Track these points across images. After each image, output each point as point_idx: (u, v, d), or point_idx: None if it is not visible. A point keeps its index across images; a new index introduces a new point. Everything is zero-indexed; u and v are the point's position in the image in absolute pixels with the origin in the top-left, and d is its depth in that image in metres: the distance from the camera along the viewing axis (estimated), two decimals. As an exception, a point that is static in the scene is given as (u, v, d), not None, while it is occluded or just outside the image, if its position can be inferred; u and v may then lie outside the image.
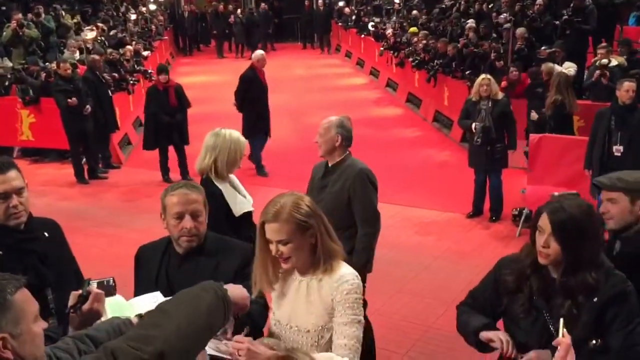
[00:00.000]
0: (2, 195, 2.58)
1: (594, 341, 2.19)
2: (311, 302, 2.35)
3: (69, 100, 8.82)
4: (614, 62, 8.52)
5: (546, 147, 6.88)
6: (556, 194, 3.06)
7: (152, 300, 2.41)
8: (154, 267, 2.69)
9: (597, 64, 8.43)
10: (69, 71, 9.06)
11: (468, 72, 10.29)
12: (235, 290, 2.10)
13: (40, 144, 10.41)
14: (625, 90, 6.07)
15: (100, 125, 9.44)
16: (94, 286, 2.15)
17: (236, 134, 3.94)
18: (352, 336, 2.28)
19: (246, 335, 2.20)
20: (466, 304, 2.64)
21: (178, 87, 8.85)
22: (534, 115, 7.58)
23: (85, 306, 2.11)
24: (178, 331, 1.67)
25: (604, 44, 9.14)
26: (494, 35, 10.57)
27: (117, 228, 7.43)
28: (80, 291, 2.14)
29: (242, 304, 2.16)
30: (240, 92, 8.89)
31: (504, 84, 8.71)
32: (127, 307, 2.32)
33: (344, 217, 3.95)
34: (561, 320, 2.08)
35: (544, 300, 2.34)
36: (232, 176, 3.97)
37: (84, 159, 9.47)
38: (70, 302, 2.13)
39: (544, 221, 2.30)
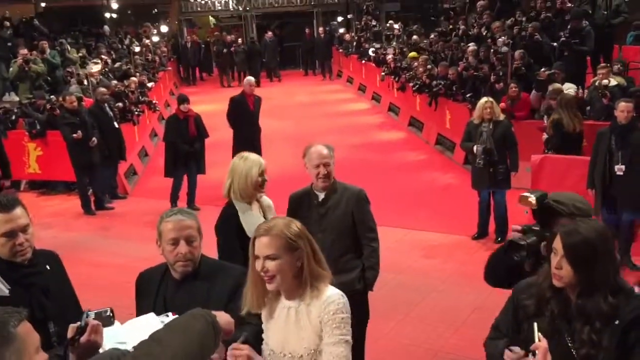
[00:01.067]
0: (8, 234, 2.65)
1: None
2: (302, 328, 2.39)
3: (74, 134, 8.95)
4: (613, 82, 8.61)
5: (549, 167, 6.92)
6: (526, 194, 3.05)
7: (146, 321, 2.46)
8: (151, 293, 2.76)
9: (596, 84, 8.52)
10: (75, 104, 9.21)
11: (469, 95, 10.40)
12: (221, 317, 2.17)
13: (47, 176, 10.52)
14: (621, 110, 6.14)
15: (105, 156, 9.55)
16: (91, 318, 2.18)
17: (253, 156, 3.96)
18: (341, 356, 2.32)
19: (243, 343, 2.24)
20: (491, 337, 2.59)
21: (197, 117, 9.06)
22: (544, 135, 7.66)
23: (83, 338, 2.14)
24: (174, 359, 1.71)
25: (603, 64, 9.24)
26: (493, 58, 10.70)
27: (124, 258, 7.46)
28: (78, 323, 2.17)
29: (227, 330, 2.23)
30: (229, 112, 9.67)
31: (502, 104, 8.81)
32: (121, 332, 2.35)
33: (351, 240, 4.00)
34: (535, 324, 2.10)
35: (566, 324, 2.32)
36: (265, 199, 4.00)
37: (91, 190, 9.55)
38: (69, 334, 2.17)
39: (558, 243, 2.31)
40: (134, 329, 2.40)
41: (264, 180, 3.86)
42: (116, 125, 9.87)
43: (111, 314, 2.27)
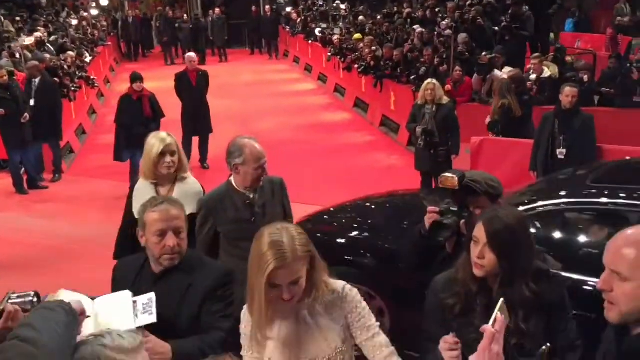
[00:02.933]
0: None
1: (543, 347, 2.15)
2: (323, 328, 2.18)
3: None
4: (546, 73, 8.82)
5: (488, 149, 7.06)
6: (448, 174, 3.09)
7: (120, 299, 2.35)
8: (127, 284, 2.56)
9: (529, 77, 8.71)
10: (5, 78, 8.74)
11: (413, 77, 10.47)
12: (156, 344, 2.19)
13: (-24, 153, 9.99)
14: (565, 95, 6.27)
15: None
16: (10, 303, 2.00)
17: (162, 135, 3.76)
18: (387, 343, 2.22)
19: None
20: (427, 351, 2.36)
21: (152, 97, 8.46)
22: (487, 119, 7.71)
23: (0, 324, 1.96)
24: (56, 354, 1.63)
25: (536, 54, 9.47)
26: (437, 41, 10.82)
27: (57, 239, 7.20)
28: None
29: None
30: (175, 88, 9.62)
31: (448, 86, 8.91)
32: (90, 306, 2.23)
33: None
34: (499, 302, 1.90)
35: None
36: (192, 186, 3.78)
37: (23, 169, 9.14)
38: None
39: (480, 232, 2.27)
40: (106, 305, 2.31)
41: (166, 162, 3.61)
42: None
43: (35, 299, 2.10)
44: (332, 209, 5.17)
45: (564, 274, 3.29)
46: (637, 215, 3.45)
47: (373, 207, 5.36)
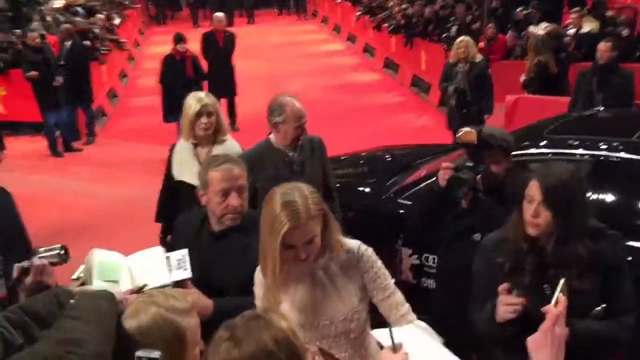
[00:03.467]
0: None
1: (598, 308, 2.11)
2: (338, 288, 2.14)
3: (30, 73, 8.61)
4: (586, 29, 8.51)
5: (522, 108, 6.90)
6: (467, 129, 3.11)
7: (153, 255, 2.36)
8: (186, 241, 2.54)
9: (567, 32, 8.42)
10: (38, 41, 8.83)
11: (445, 35, 10.24)
12: (199, 300, 2.20)
13: (12, 117, 10.16)
14: (599, 50, 6.09)
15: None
16: (37, 257, 2.02)
17: (200, 94, 3.79)
18: (403, 301, 2.19)
19: None
20: (475, 311, 2.37)
21: (195, 58, 8.46)
22: (522, 77, 7.49)
23: (29, 279, 1.97)
24: (101, 335, 1.58)
25: (576, 9, 9.13)
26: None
27: (93, 200, 7.35)
28: (23, 263, 2.01)
29: (202, 313, 2.12)
30: (201, 49, 9.44)
31: (481, 44, 8.69)
32: (118, 267, 2.24)
33: (324, 192, 3.60)
34: (560, 282, 1.84)
35: (544, 276, 2.20)
36: (232, 147, 3.75)
37: (58, 132, 9.29)
38: (14, 274, 2.01)
39: (534, 189, 2.18)
40: (139, 261, 2.32)
41: (202, 123, 3.59)
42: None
43: (63, 251, 2.09)
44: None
45: None
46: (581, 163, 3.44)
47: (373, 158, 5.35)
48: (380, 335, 1.88)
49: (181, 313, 1.64)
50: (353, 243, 2.19)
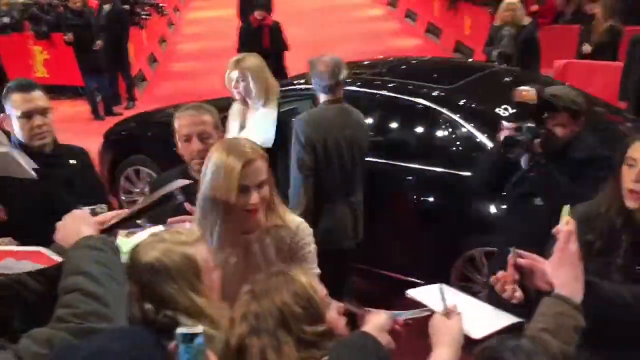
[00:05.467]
0: (26, 114, 2.54)
1: None
2: (269, 262, 2.05)
3: (67, 36, 8.69)
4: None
5: (573, 72, 6.61)
6: (525, 87, 2.95)
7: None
8: None
9: None
10: (79, 4, 8.86)
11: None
12: None
13: (54, 80, 10.29)
14: None
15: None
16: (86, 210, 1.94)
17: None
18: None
19: None
20: None
21: (274, 27, 7.66)
22: (587, 48, 6.88)
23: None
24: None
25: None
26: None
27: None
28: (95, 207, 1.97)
29: None
30: (239, 12, 9.35)
31: (535, 6, 8.30)
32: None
33: None
34: (565, 208, 1.68)
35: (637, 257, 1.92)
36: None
37: (99, 96, 9.38)
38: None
39: (636, 152, 1.88)
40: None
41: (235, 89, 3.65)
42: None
43: (102, 210, 2.02)
44: None
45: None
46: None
47: None
48: (422, 295, 1.74)
49: (188, 243, 1.69)
50: (296, 220, 2.14)
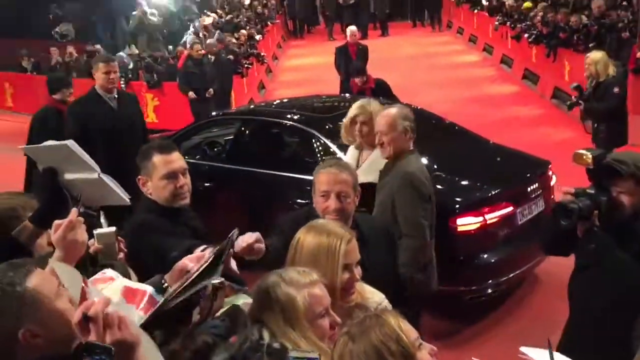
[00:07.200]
0: (171, 175, 2.57)
1: None
2: None
3: (189, 93, 9.29)
4: None
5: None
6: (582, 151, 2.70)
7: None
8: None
9: None
10: (201, 52, 9.46)
11: (592, 44, 9.62)
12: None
13: (162, 125, 11.04)
14: None
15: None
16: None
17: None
18: None
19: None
20: None
21: (377, 87, 8.18)
22: None
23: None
24: None
25: None
26: (624, 3, 9.78)
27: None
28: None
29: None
30: (335, 62, 9.80)
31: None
32: None
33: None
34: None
35: None
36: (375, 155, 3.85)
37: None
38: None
39: None
40: None
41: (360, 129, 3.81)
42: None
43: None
44: None
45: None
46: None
47: None
48: (535, 354, 1.84)
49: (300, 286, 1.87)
50: (377, 296, 2.22)
